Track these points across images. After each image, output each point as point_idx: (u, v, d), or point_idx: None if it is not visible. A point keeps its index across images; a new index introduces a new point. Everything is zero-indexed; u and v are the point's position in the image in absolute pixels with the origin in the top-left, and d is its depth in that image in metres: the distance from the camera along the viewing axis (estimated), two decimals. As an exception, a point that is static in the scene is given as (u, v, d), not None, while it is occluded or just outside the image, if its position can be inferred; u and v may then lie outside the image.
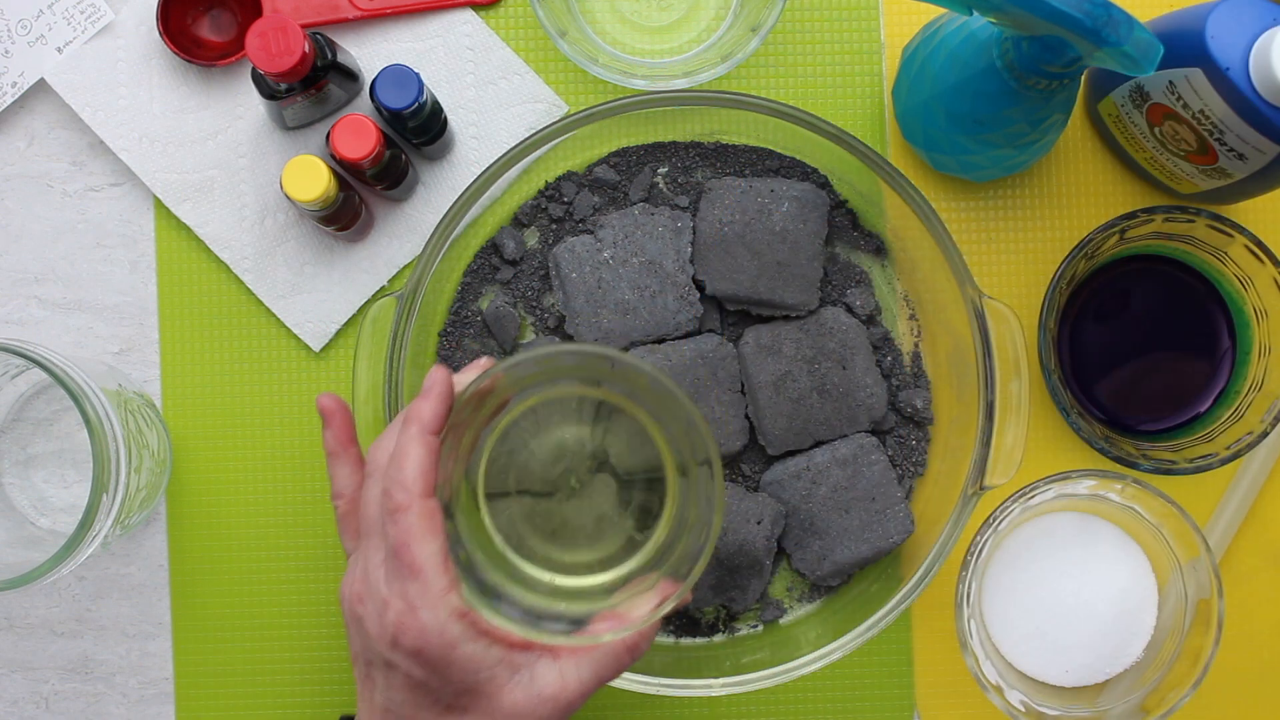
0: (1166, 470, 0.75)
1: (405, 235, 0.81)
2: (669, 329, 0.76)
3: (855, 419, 0.77)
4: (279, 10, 0.80)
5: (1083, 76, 0.77)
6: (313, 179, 0.72)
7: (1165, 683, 0.75)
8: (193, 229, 0.80)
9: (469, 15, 0.81)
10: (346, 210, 0.76)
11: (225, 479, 0.81)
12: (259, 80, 0.75)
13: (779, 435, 0.77)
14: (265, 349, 0.81)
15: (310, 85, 0.75)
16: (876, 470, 0.76)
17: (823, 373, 0.76)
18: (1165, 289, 0.81)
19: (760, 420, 0.77)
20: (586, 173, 0.80)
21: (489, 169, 0.73)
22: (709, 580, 0.76)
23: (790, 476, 0.77)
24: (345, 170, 0.75)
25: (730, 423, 0.77)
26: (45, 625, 0.80)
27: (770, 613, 0.78)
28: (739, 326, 0.79)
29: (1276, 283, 0.75)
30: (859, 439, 0.77)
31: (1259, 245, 0.74)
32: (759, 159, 0.79)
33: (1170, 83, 0.70)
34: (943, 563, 0.72)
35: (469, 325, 0.79)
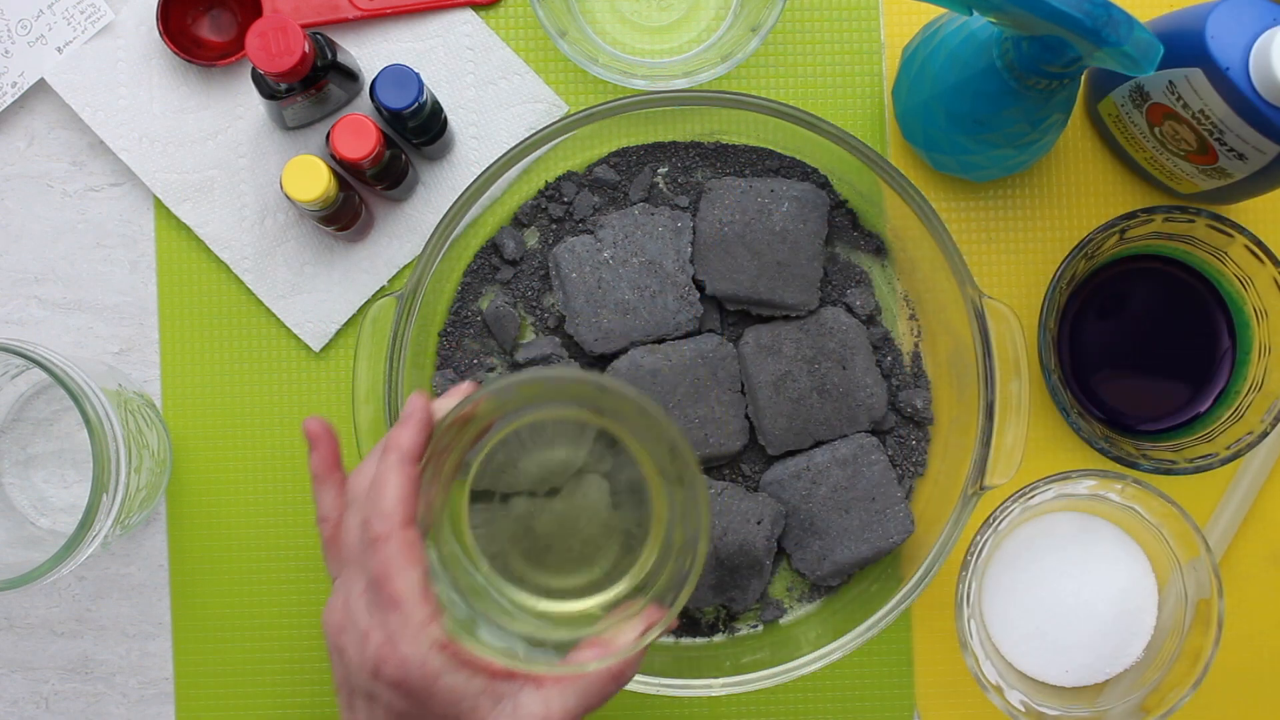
0: (1166, 470, 0.75)
1: (405, 235, 0.81)
2: (669, 329, 0.76)
3: (855, 419, 0.77)
4: (279, 10, 0.80)
5: (1083, 76, 0.77)
6: (313, 179, 0.72)
7: (1165, 683, 0.75)
8: (193, 229, 0.80)
9: (469, 15, 0.81)
10: (346, 210, 0.76)
11: (225, 479, 0.81)
12: (259, 80, 0.75)
13: (779, 435, 0.77)
14: (265, 349, 0.81)
15: (310, 85, 0.75)
16: (876, 470, 0.76)
17: (823, 373, 0.76)
18: (1165, 289, 0.81)
19: (760, 420, 0.77)
20: (586, 173, 0.80)
21: (489, 169, 0.73)
22: (709, 580, 0.76)
23: (790, 476, 0.77)
24: (345, 170, 0.75)
25: (730, 423, 0.77)
26: (45, 625, 0.80)
27: (770, 613, 0.78)
28: (739, 326, 0.79)
29: (1276, 283, 0.75)
30: (859, 439, 0.77)
31: (1259, 245, 0.74)
32: (759, 159, 0.79)
33: (1170, 83, 0.70)
34: (943, 563, 0.72)
35: (469, 325, 0.79)
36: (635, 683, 0.71)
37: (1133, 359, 0.81)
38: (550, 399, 0.61)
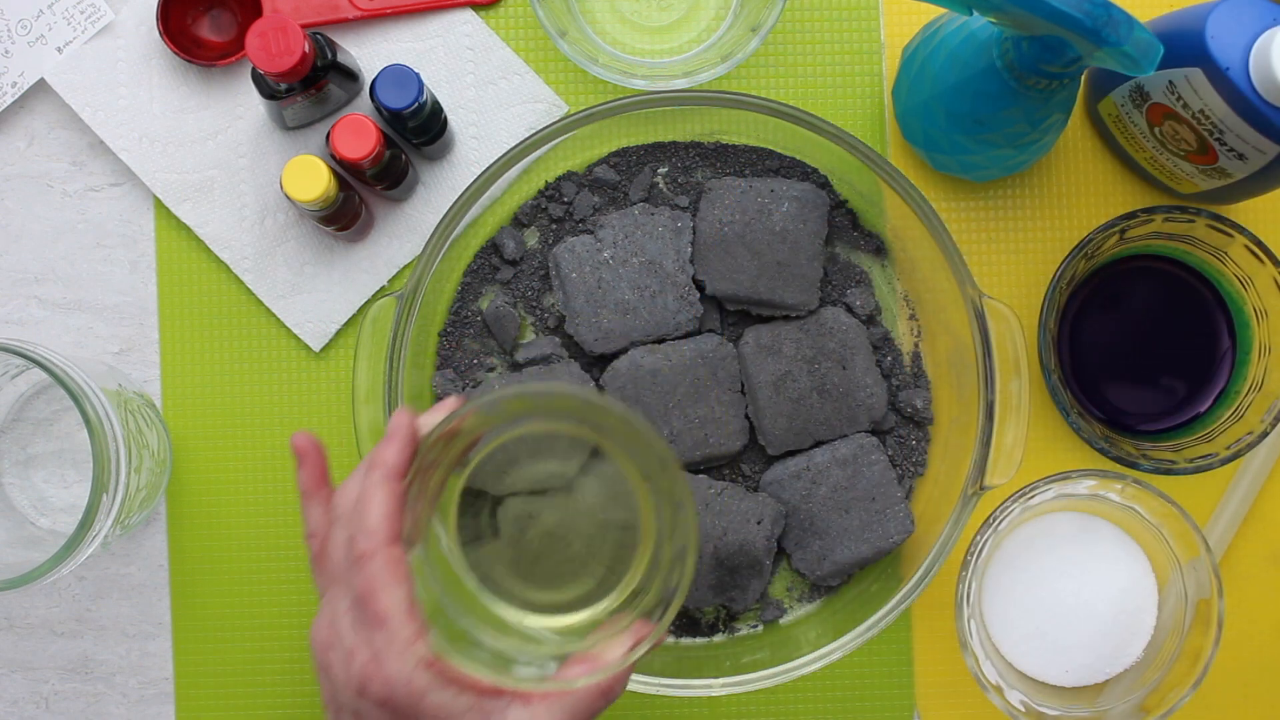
0: (1166, 470, 0.75)
1: (405, 235, 0.81)
2: (669, 329, 0.76)
3: (855, 419, 0.77)
4: (279, 10, 0.80)
5: (1083, 76, 0.77)
6: (313, 179, 0.72)
7: (1165, 683, 0.75)
8: (193, 229, 0.80)
9: (469, 15, 0.81)
10: (346, 210, 0.76)
11: (225, 479, 0.81)
12: (259, 80, 0.75)
13: (779, 435, 0.77)
14: (265, 349, 0.81)
15: (310, 85, 0.75)
16: (876, 470, 0.76)
17: (823, 373, 0.76)
18: (1165, 289, 0.81)
19: (760, 420, 0.77)
20: (586, 173, 0.80)
21: (489, 169, 0.73)
22: (709, 580, 0.76)
23: (790, 476, 0.77)
24: (345, 170, 0.75)
25: (730, 423, 0.77)
26: (45, 625, 0.80)
27: (770, 613, 0.78)
28: (739, 326, 0.79)
29: (1276, 283, 0.75)
30: (859, 439, 0.77)
31: (1259, 245, 0.74)
32: (759, 159, 0.79)
33: (1170, 83, 0.70)
34: (943, 563, 0.72)
35: (469, 325, 0.79)
36: (635, 683, 0.71)
37: (1133, 359, 0.81)
38: (537, 413, 0.60)
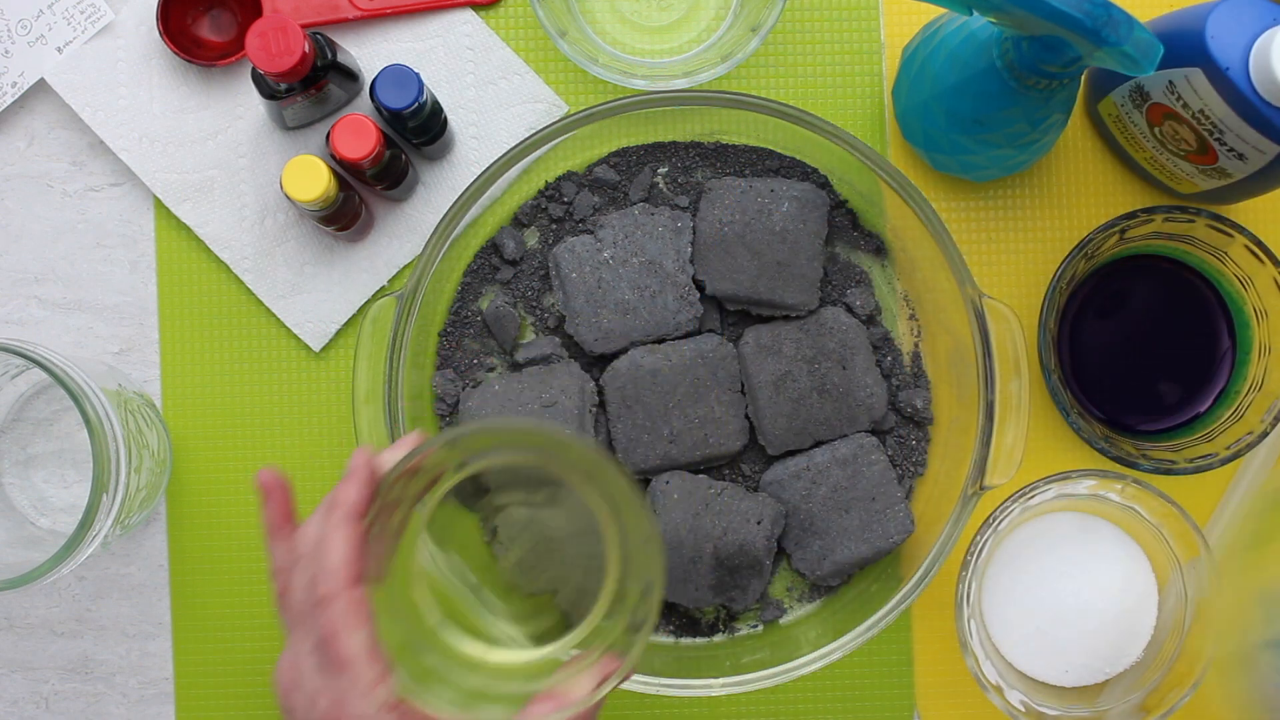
0: (1166, 470, 0.75)
1: (405, 235, 0.81)
2: (669, 329, 0.76)
3: (855, 419, 0.77)
4: (279, 10, 0.80)
5: (1083, 76, 0.77)
6: (313, 179, 0.72)
7: (1165, 683, 0.75)
8: (193, 229, 0.80)
9: (469, 15, 0.81)
10: (346, 210, 0.76)
11: (225, 479, 0.81)
12: (259, 80, 0.75)
13: (779, 435, 0.77)
14: (265, 349, 0.81)
15: (310, 85, 0.75)
16: (876, 470, 0.76)
17: (823, 373, 0.76)
18: (1165, 289, 0.81)
19: (760, 420, 0.77)
20: (586, 173, 0.80)
21: (489, 169, 0.73)
22: (709, 580, 0.76)
23: (790, 476, 0.77)
24: (345, 170, 0.75)
25: (730, 423, 0.77)
26: (45, 625, 0.80)
27: (770, 613, 0.78)
28: (739, 326, 0.79)
29: (1276, 283, 0.75)
30: (859, 439, 0.77)
31: (1259, 245, 0.74)
32: (759, 159, 0.79)
33: (1170, 83, 0.70)
34: (943, 563, 0.72)
35: (469, 325, 0.79)
36: (635, 683, 0.71)
37: (1133, 359, 0.81)
38: (500, 448, 0.60)
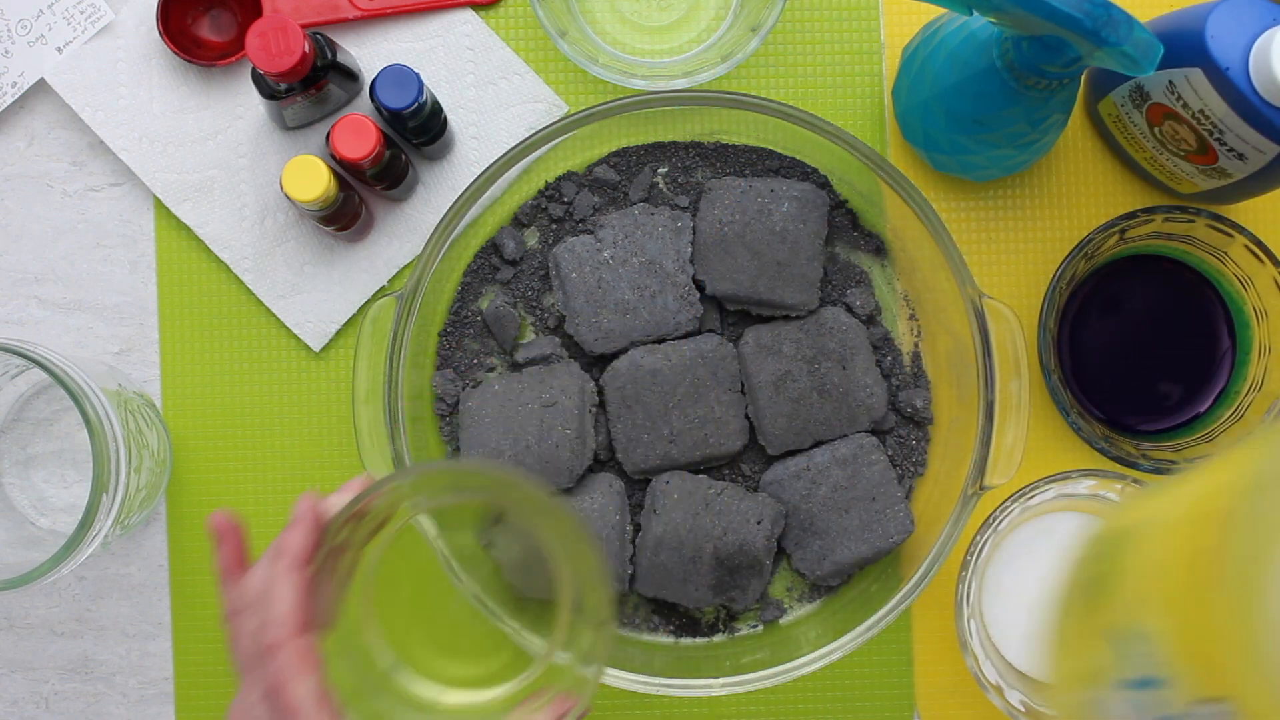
0: (1166, 470, 0.75)
1: (405, 235, 0.81)
2: (669, 329, 0.76)
3: (855, 419, 0.77)
4: (279, 10, 0.80)
5: (1083, 76, 0.77)
6: (313, 179, 0.72)
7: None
8: (193, 229, 0.80)
9: (469, 15, 0.81)
10: (346, 210, 0.76)
11: (225, 479, 0.81)
12: (259, 80, 0.75)
13: (779, 435, 0.77)
14: (265, 349, 0.81)
15: (310, 85, 0.75)
16: (876, 470, 0.76)
17: (823, 373, 0.76)
18: (1165, 289, 0.81)
19: (760, 420, 0.77)
20: (586, 173, 0.80)
21: (489, 169, 0.73)
22: (709, 580, 0.76)
23: (790, 476, 0.77)
24: (345, 170, 0.75)
25: (730, 423, 0.76)
26: (45, 625, 0.80)
27: (770, 613, 0.78)
28: (739, 326, 0.79)
29: (1276, 283, 0.75)
30: (859, 439, 0.77)
31: (1259, 245, 0.74)
32: (759, 159, 0.79)
33: (1170, 83, 0.70)
34: (943, 563, 0.72)
35: (469, 325, 0.79)
36: (635, 683, 0.71)
37: (1133, 359, 0.81)
38: (449, 490, 0.60)
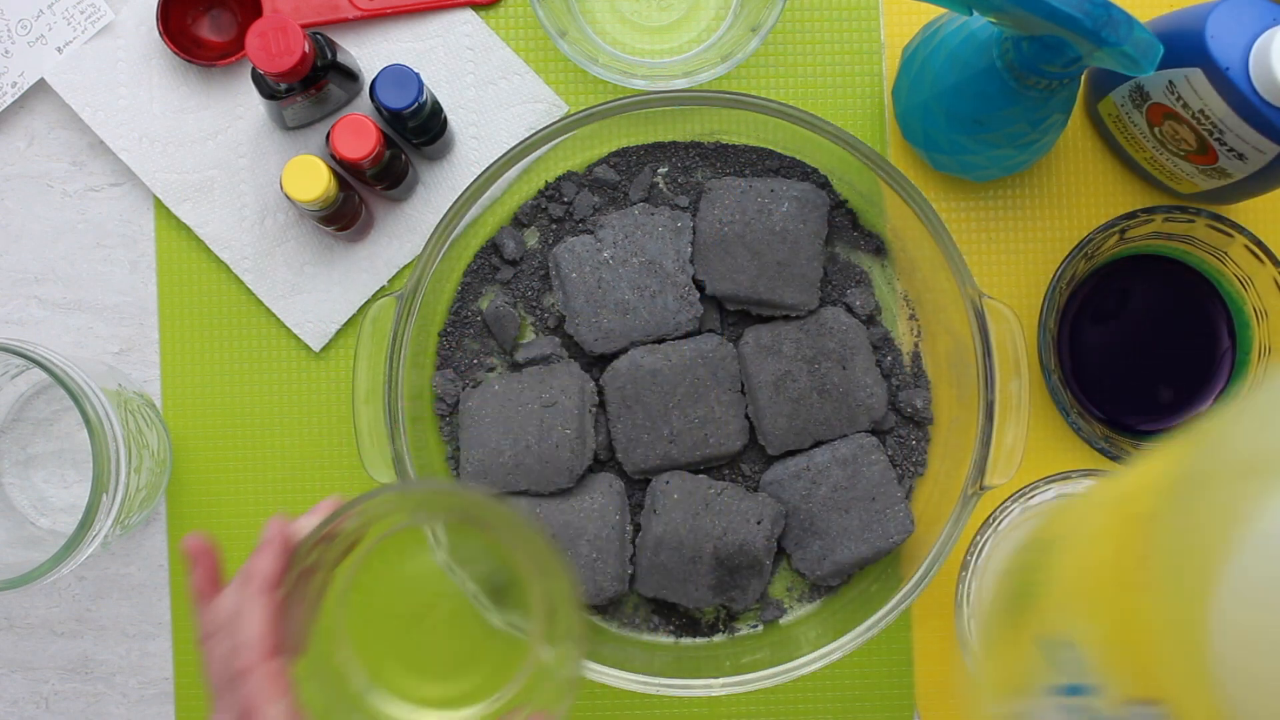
0: (1166, 470, 0.75)
1: (405, 235, 0.81)
2: (669, 329, 0.76)
3: (855, 419, 0.77)
4: (279, 10, 0.80)
5: (1083, 76, 0.77)
6: (313, 179, 0.72)
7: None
8: (193, 229, 0.80)
9: (469, 15, 0.81)
10: (346, 210, 0.76)
11: (225, 479, 0.81)
12: (259, 80, 0.75)
13: (779, 435, 0.77)
14: (265, 349, 0.81)
15: (310, 85, 0.75)
16: (876, 470, 0.76)
17: (823, 373, 0.76)
18: (1165, 289, 0.81)
19: (760, 420, 0.77)
20: (586, 173, 0.80)
21: (489, 169, 0.73)
22: (709, 580, 0.76)
23: (790, 476, 0.77)
24: (345, 170, 0.75)
25: (730, 423, 0.76)
26: (45, 625, 0.80)
27: (770, 613, 0.78)
28: (739, 326, 0.79)
29: (1276, 283, 0.75)
30: (859, 439, 0.77)
31: (1259, 245, 0.74)
32: (759, 159, 0.79)
33: (1170, 83, 0.70)
34: (943, 563, 0.72)
35: (469, 325, 0.79)
36: (635, 683, 0.71)
37: (1133, 359, 0.81)
38: (418, 510, 0.60)
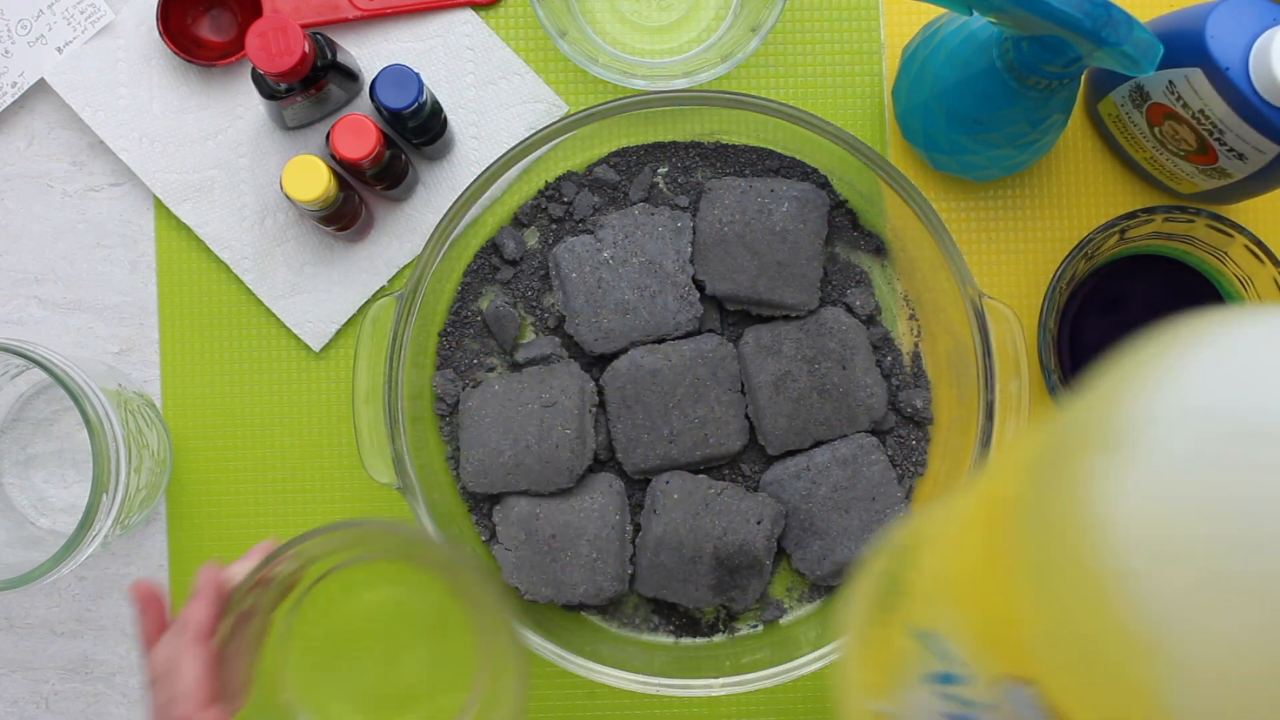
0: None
1: (405, 235, 0.81)
2: (669, 329, 0.76)
3: (855, 419, 0.77)
4: (279, 10, 0.80)
5: (1083, 76, 0.77)
6: (313, 179, 0.72)
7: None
8: (193, 229, 0.80)
9: (469, 15, 0.81)
10: (346, 210, 0.76)
11: (225, 479, 0.81)
12: (259, 80, 0.75)
13: (779, 435, 0.77)
14: (265, 349, 0.81)
15: (310, 85, 0.75)
16: (876, 470, 0.76)
17: (823, 373, 0.76)
18: (1165, 289, 0.81)
19: (760, 420, 0.77)
20: (586, 173, 0.80)
21: (489, 169, 0.73)
22: (709, 580, 0.76)
23: (790, 476, 0.77)
24: (345, 170, 0.75)
25: (730, 423, 0.76)
26: (45, 625, 0.80)
27: (770, 613, 0.78)
28: (739, 326, 0.79)
29: (1276, 283, 0.75)
30: (859, 439, 0.77)
31: (1259, 245, 0.74)
32: (759, 159, 0.79)
33: (1170, 83, 0.70)
34: (943, 563, 0.72)
35: (469, 325, 0.79)
36: (635, 683, 0.71)
37: (1133, 359, 0.81)
38: (354, 550, 0.61)
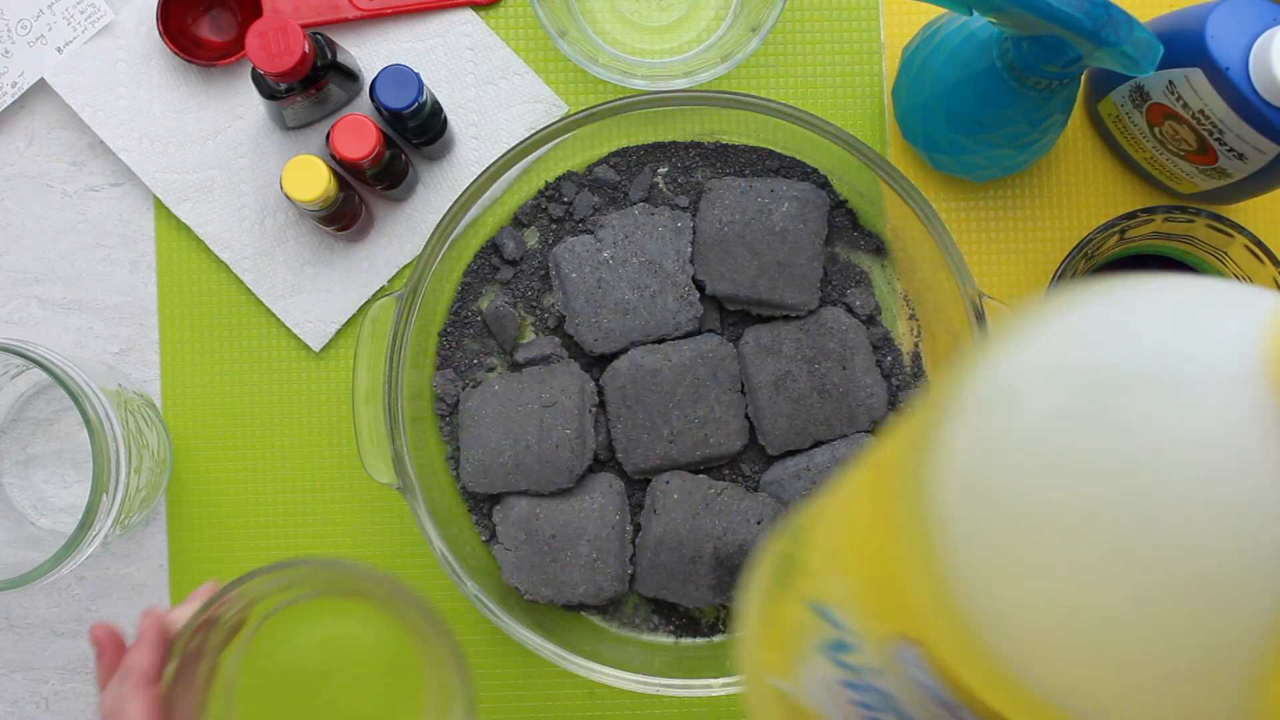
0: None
1: (405, 235, 0.81)
2: (669, 329, 0.76)
3: (855, 419, 0.77)
4: (279, 10, 0.80)
5: (1083, 76, 0.77)
6: (313, 179, 0.72)
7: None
8: (193, 229, 0.80)
9: (469, 15, 0.81)
10: (346, 210, 0.76)
11: (225, 479, 0.81)
12: (259, 80, 0.75)
13: (779, 435, 0.77)
14: (265, 349, 0.81)
15: (310, 85, 0.75)
16: (876, 470, 0.76)
17: (823, 373, 0.76)
18: (1165, 289, 0.81)
19: (760, 420, 0.77)
20: (586, 173, 0.80)
21: (489, 169, 0.73)
22: (709, 580, 0.76)
23: (790, 476, 0.77)
24: (345, 170, 0.75)
25: (730, 423, 0.76)
26: (45, 625, 0.80)
27: (770, 613, 0.78)
28: (739, 326, 0.79)
29: (1276, 282, 0.75)
30: (859, 439, 0.77)
31: (1259, 245, 0.74)
32: (759, 159, 0.79)
33: (1170, 83, 0.70)
34: (943, 563, 0.72)
35: (469, 325, 0.79)
36: (635, 683, 0.71)
37: (1133, 359, 0.81)
38: (299, 588, 0.61)
